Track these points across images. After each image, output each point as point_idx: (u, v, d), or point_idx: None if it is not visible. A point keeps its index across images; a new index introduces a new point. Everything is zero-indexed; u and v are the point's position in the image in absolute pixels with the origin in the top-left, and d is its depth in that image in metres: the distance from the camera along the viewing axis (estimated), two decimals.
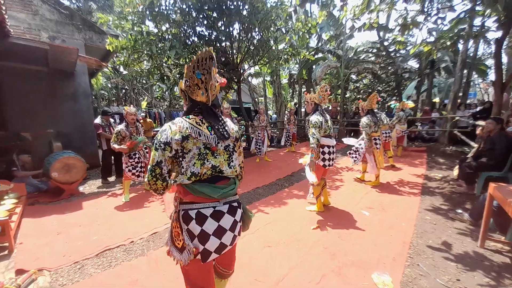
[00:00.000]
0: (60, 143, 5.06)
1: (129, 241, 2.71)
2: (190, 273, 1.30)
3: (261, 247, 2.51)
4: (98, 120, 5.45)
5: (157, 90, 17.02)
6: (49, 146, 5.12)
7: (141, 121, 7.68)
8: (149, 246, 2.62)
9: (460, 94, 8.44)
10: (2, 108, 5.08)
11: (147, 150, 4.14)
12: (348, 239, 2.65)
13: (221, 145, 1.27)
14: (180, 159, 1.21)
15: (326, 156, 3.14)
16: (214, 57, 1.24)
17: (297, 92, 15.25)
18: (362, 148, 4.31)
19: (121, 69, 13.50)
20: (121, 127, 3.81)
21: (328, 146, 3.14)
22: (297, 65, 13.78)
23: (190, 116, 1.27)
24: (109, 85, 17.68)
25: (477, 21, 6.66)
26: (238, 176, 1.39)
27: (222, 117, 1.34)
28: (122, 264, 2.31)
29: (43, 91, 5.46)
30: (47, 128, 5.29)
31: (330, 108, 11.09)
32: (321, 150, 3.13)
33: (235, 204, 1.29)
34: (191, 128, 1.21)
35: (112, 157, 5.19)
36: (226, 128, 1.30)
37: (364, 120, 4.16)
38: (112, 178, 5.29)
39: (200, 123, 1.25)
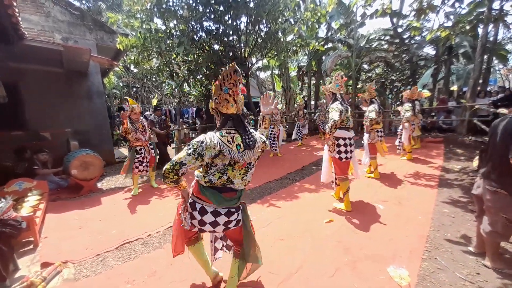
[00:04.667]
0: (77, 141, 5.26)
1: (146, 235, 2.80)
2: (178, 229, 1.74)
3: (273, 240, 2.53)
4: (152, 117, 6.08)
5: (167, 87, 17.20)
6: (67, 144, 5.33)
7: None
8: (165, 239, 2.70)
9: (480, 81, 8.01)
10: (22, 109, 5.31)
11: (151, 146, 4.35)
12: (362, 232, 2.62)
13: (249, 160, 1.44)
14: (207, 168, 1.44)
15: (342, 149, 3.04)
16: (239, 69, 1.36)
17: (306, 85, 14.98)
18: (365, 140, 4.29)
19: (132, 67, 13.72)
20: (128, 124, 4.03)
21: (344, 138, 3.06)
22: (306, 57, 13.49)
23: (223, 133, 1.41)
24: (121, 83, 18.04)
25: (496, 5, 6.28)
26: (245, 185, 1.55)
27: (248, 127, 1.46)
28: (141, 257, 2.40)
29: (59, 91, 5.65)
30: (64, 127, 5.49)
31: None
32: (336, 142, 3.06)
33: (233, 210, 1.54)
34: (223, 146, 1.37)
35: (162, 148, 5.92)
36: (252, 138, 1.44)
37: (371, 107, 4.15)
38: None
39: (231, 141, 1.39)
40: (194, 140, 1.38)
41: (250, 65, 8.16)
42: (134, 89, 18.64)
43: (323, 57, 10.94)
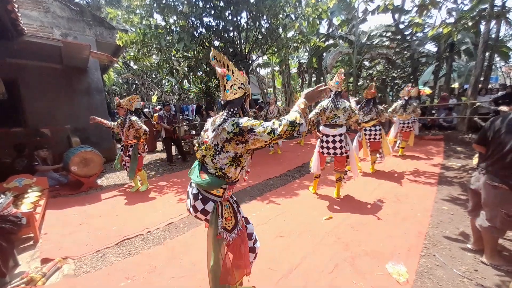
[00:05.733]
0: (78, 138, 5.25)
1: (146, 231, 2.81)
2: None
3: (273, 237, 2.54)
4: (160, 113, 6.16)
5: (167, 84, 17.17)
6: (67, 141, 5.33)
7: (155, 114, 7.91)
8: (165, 235, 2.72)
9: (481, 78, 7.97)
10: (21, 105, 5.29)
11: (131, 149, 4.06)
12: (361, 229, 2.63)
13: (212, 142, 1.40)
14: None
15: (324, 144, 3.29)
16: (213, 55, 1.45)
17: (306, 82, 14.93)
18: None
19: (131, 63, 13.66)
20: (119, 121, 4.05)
21: (327, 135, 3.26)
22: (306, 53, 13.43)
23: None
24: (120, 80, 17.99)
25: (498, 1, 6.24)
26: (217, 172, 1.39)
27: (226, 116, 1.39)
28: (141, 253, 2.42)
29: (59, 87, 5.63)
30: (64, 123, 5.49)
31: None
32: (320, 138, 3.33)
33: (203, 195, 1.44)
34: (209, 123, 1.52)
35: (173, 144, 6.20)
36: (217, 123, 1.40)
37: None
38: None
39: (214, 122, 1.47)
40: None
41: (250, 62, 8.12)
42: (134, 85, 18.58)
43: (324, 54, 10.89)
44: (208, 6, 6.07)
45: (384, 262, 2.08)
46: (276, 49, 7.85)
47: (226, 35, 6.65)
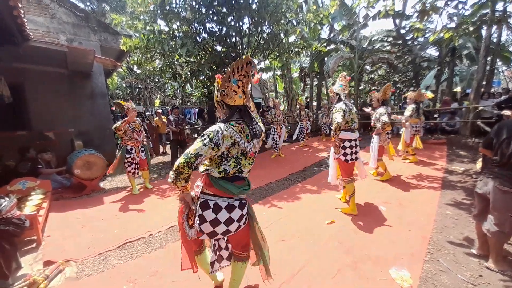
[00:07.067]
0: (81, 141, 5.30)
1: (148, 234, 2.81)
2: (187, 243, 1.61)
3: (275, 241, 2.53)
4: (170, 117, 6.47)
5: (169, 88, 17.31)
6: (71, 144, 5.37)
7: (156, 117, 7.99)
8: (167, 239, 2.71)
9: (484, 82, 7.95)
10: (26, 109, 5.36)
11: (143, 149, 4.24)
12: (364, 234, 2.61)
13: (255, 151, 1.48)
14: (221, 159, 1.39)
15: (348, 151, 2.99)
16: (253, 61, 1.39)
17: (308, 86, 14.99)
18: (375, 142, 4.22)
19: (135, 68, 13.82)
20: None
21: (349, 140, 3.01)
22: (308, 58, 13.52)
23: (234, 124, 1.41)
24: (124, 84, 18.17)
25: (499, 6, 6.27)
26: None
27: (254, 117, 1.50)
28: (143, 256, 2.41)
29: (63, 92, 5.70)
30: (68, 127, 5.54)
31: None
32: (341, 144, 3.00)
33: (244, 201, 1.53)
34: (237, 135, 1.38)
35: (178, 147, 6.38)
36: (258, 127, 1.48)
37: (382, 110, 4.10)
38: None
39: (242, 132, 1.41)
40: (209, 130, 1.33)
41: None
42: (137, 89, 18.77)
43: (326, 59, 10.95)
44: (210, 12, 6.16)
45: (387, 267, 2.06)
46: (277, 54, 7.91)
47: (228, 40, 6.72)
